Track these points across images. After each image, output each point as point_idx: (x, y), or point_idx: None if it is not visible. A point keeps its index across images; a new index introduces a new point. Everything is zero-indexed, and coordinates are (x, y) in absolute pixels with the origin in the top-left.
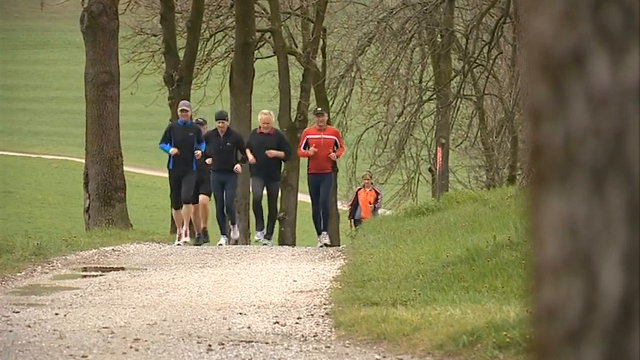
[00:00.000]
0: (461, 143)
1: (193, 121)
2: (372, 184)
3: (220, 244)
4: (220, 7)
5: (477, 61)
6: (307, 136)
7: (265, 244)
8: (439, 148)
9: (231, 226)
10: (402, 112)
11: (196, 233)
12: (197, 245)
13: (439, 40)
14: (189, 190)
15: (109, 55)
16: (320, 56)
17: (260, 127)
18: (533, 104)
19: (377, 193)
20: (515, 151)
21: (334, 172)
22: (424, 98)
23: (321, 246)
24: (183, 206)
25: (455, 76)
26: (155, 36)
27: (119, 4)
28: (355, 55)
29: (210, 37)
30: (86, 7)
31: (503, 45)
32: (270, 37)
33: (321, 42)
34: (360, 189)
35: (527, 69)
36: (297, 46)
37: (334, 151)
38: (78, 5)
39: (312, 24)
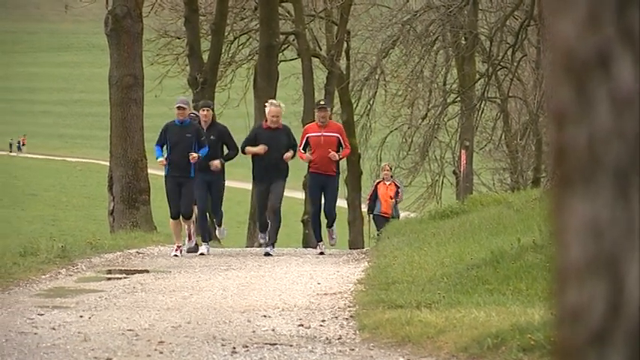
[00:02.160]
0: (485, 146)
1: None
2: (391, 176)
3: (202, 254)
4: (244, 9)
5: (501, 63)
6: (307, 135)
7: (268, 254)
8: (463, 151)
9: (217, 227)
10: (426, 114)
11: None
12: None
13: (463, 42)
14: (190, 204)
15: (133, 57)
16: (344, 59)
17: (267, 121)
18: (557, 106)
19: (397, 187)
20: (539, 154)
21: (338, 176)
22: (448, 101)
23: (320, 253)
24: (182, 220)
25: (479, 79)
26: (179, 38)
27: (143, 6)
28: (379, 58)
29: (235, 39)
30: (110, 10)
31: (527, 47)
32: (294, 40)
33: (345, 44)
34: (379, 182)
35: (551, 71)
36: (321, 49)
37: (338, 150)
38: (102, 8)
39: (336, 26)
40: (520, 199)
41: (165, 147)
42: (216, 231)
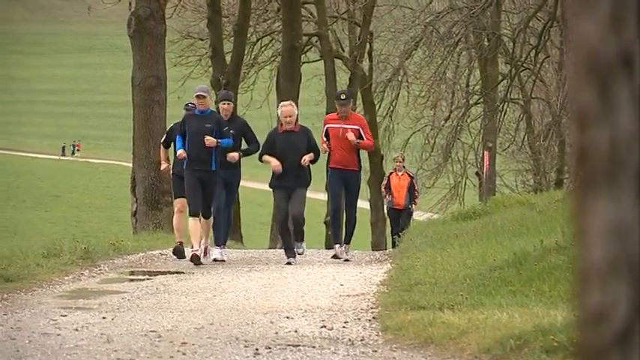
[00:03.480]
0: (508, 147)
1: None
2: (403, 167)
3: (215, 259)
4: (267, 11)
5: (524, 64)
6: (327, 126)
7: (290, 263)
8: (486, 152)
9: (222, 246)
10: (449, 115)
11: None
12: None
13: (486, 43)
14: (212, 200)
15: (156, 59)
16: (367, 60)
17: (282, 124)
18: (579, 108)
19: (410, 177)
20: (562, 155)
21: (360, 171)
22: (471, 102)
23: (334, 256)
24: (203, 221)
25: (502, 80)
26: (202, 40)
27: (166, 8)
28: (402, 59)
29: (257, 41)
30: (133, 11)
31: (550, 49)
32: (317, 41)
33: (367, 46)
34: (391, 173)
35: (573, 73)
36: (343, 50)
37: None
38: (125, 9)
39: (359, 28)
40: (543, 201)
41: (183, 139)
42: (209, 249)
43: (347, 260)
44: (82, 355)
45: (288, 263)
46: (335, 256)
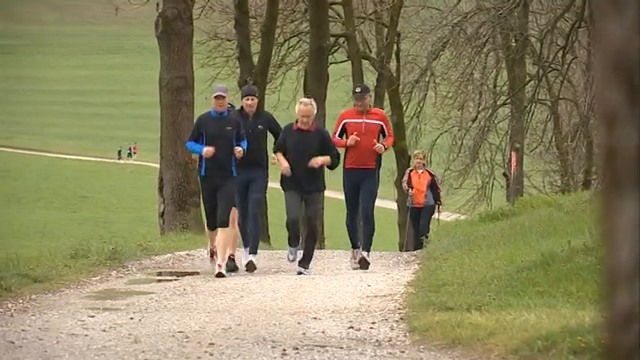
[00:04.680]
0: (535, 148)
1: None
2: (424, 164)
3: (251, 262)
4: (294, 11)
5: (552, 65)
6: (344, 121)
7: (301, 273)
8: (513, 153)
9: (243, 249)
10: (477, 116)
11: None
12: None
13: (513, 44)
14: (228, 209)
15: (183, 60)
16: (394, 61)
17: (297, 122)
18: (606, 108)
19: (431, 175)
20: (590, 156)
21: (377, 170)
22: (498, 103)
23: (355, 268)
24: (219, 230)
25: (529, 81)
26: (229, 41)
27: (194, 9)
28: (429, 60)
29: (285, 41)
30: (161, 12)
31: (577, 49)
32: (344, 42)
33: (395, 46)
34: (411, 170)
35: (601, 73)
36: (371, 51)
37: (380, 142)
38: (153, 10)
39: (386, 29)
40: (570, 202)
41: (200, 142)
42: (242, 253)
43: (364, 262)
44: (110, 356)
45: (291, 260)
46: (364, 261)
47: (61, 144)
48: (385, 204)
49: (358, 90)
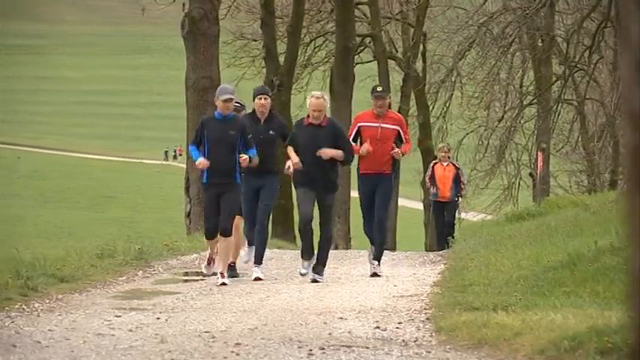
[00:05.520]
0: (562, 148)
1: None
2: (449, 157)
3: (258, 278)
4: (321, 12)
5: (578, 65)
6: (359, 124)
7: (315, 281)
8: (540, 153)
9: (247, 247)
10: (503, 116)
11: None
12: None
13: (540, 44)
14: (231, 216)
15: (209, 60)
16: (420, 61)
17: (309, 116)
18: (633, 108)
19: (456, 168)
20: (616, 156)
21: (395, 174)
22: (525, 103)
23: (372, 275)
24: (221, 239)
25: (556, 81)
26: (256, 41)
27: (220, 9)
28: (455, 60)
29: (311, 41)
30: (187, 13)
31: (604, 49)
32: (370, 42)
33: (421, 47)
34: (436, 163)
35: (627, 73)
36: (397, 51)
37: (398, 146)
38: (179, 11)
39: (413, 29)
40: (597, 202)
41: (201, 147)
42: (243, 251)
43: (375, 274)
44: (137, 356)
45: (302, 274)
46: (375, 274)
47: (87, 144)
48: (411, 204)
49: (379, 89)
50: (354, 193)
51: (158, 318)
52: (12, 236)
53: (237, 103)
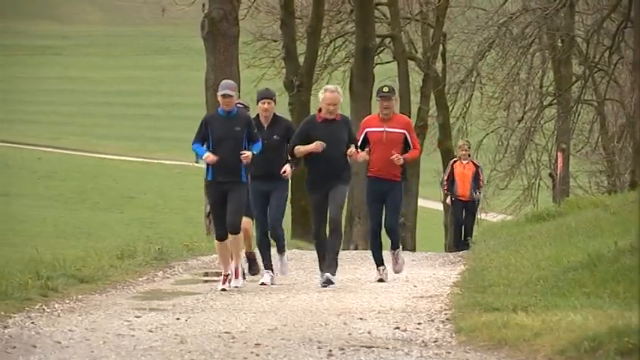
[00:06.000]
0: (582, 148)
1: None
2: (469, 155)
3: (263, 284)
4: (340, 12)
5: (598, 65)
6: (366, 130)
7: (329, 282)
8: (560, 154)
9: (279, 256)
10: (523, 117)
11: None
12: (251, 274)
13: (560, 45)
14: (239, 213)
15: (229, 60)
16: (440, 61)
17: (321, 111)
18: None
19: (476, 166)
20: (636, 156)
21: (403, 182)
22: (545, 103)
23: (380, 280)
24: (230, 237)
25: (576, 81)
26: (275, 41)
27: (240, 9)
28: (475, 60)
29: (330, 42)
30: (207, 13)
31: (624, 49)
32: (390, 43)
33: (441, 47)
34: (455, 161)
35: None
36: (417, 52)
37: (406, 151)
38: (199, 11)
39: (432, 29)
40: (617, 202)
41: (205, 145)
42: (279, 264)
43: (397, 273)
44: (157, 356)
45: (325, 284)
46: (381, 280)
47: (107, 145)
48: (430, 204)
49: (385, 90)
50: None
51: (178, 318)
52: (32, 237)
53: (241, 104)
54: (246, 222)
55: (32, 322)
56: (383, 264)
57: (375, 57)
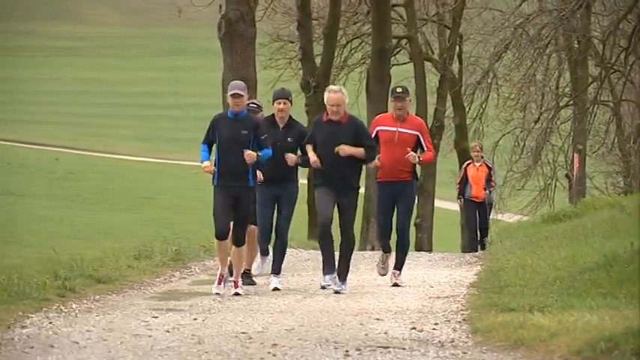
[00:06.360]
0: (598, 149)
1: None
2: (482, 157)
3: (276, 288)
4: (357, 13)
5: (614, 67)
6: (377, 128)
7: (338, 292)
8: (576, 154)
9: (261, 257)
10: (539, 118)
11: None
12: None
13: (576, 46)
14: (245, 226)
15: (246, 61)
16: (456, 62)
17: (327, 113)
18: None
19: (489, 168)
20: None
21: (415, 181)
22: (561, 104)
23: (393, 285)
24: (234, 249)
25: (592, 82)
26: (292, 43)
27: (256, 10)
28: (492, 62)
29: (347, 43)
30: (224, 14)
31: None
32: (406, 44)
33: (457, 48)
34: (469, 163)
35: None
36: (433, 53)
37: (417, 152)
38: (216, 12)
39: (449, 30)
40: (633, 203)
41: (213, 147)
42: (261, 262)
43: (396, 285)
44: (174, 357)
45: (323, 287)
46: (395, 285)
47: (125, 146)
48: (447, 205)
49: (399, 90)
50: None
51: (195, 319)
52: (50, 237)
53: (253, 104)
54: (252, 229)
55: (50, 323)
56: (390, 250)
57: (391, 58)
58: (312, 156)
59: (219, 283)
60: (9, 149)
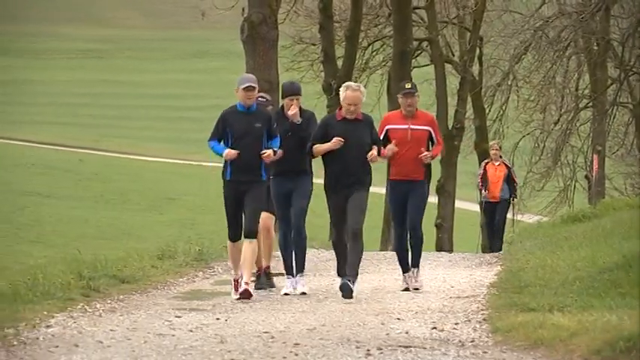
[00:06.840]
0: (617, 150)
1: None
2: (500, 156)
3: (286, 293)
4: (378, 16)
5: (634, 69)
6: (387, 127)
7: (348, 289)
8: (595, 156)
9: (298, 275)
10: (559, 119)
11: (255, 272)
12: (259, 289)
13: (595, 48)
14: (257, 215)
15: (268, 64)
16: (477, 64)
17: (341, 110)
18: None
19: (507, 168)
20: None
21: (427, 180)
22: (580, 106)
23: (404, 289)
24: (246, 242)
25: (611, 84)
26: (314, 45)
27: (279, 13)
28: (512, 64)
29: (368, 45)
30: (246, 17)
31: None
32: (427, 46)
33: (477, 50)
34: (488, 162)
35: None
36: (454, 55)
37: (428, 149)
38: (238, 15)
39: (469, 33)
40: None
41: (222, 142)
42: (298, 279)
43: (417, 289)
44: (197, 356)
45: (344, 291)
46: (406, 289)
47: (148, 147)
48: (467, 205)
49: (408, 86)
50: None
51: (218, 318)
52: (75, 238)
53: (262, 97)
54: (268, 217)
55: (74, 322)
56: (409, 269)
57: (412, 60)
58: (332, 142)
59: (237, 289)
60: (34, 150)
